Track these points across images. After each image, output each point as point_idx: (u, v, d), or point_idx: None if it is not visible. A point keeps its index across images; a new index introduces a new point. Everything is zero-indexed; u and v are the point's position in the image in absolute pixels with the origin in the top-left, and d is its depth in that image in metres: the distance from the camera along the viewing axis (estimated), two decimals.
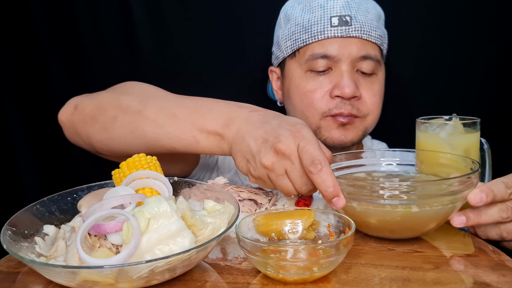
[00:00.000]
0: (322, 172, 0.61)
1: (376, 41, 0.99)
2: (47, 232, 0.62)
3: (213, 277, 0.56)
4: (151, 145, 0.82)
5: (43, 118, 1.31)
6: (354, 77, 0.98)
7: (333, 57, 0.97)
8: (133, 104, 0.84)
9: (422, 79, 1.34)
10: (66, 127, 0.93)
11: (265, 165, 0.66)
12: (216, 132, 0.75)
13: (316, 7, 0.99)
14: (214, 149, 0.77)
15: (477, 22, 1.29)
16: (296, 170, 0.66)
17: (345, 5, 0.98)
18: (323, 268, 0.52)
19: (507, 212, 0.63)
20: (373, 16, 1.00)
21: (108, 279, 0.49)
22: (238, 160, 0.72)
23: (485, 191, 0.62)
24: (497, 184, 0.63)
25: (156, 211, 0.53)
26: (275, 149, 0.65)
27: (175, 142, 0.80)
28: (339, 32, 0.96)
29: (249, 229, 0.62)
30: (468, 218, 0.64)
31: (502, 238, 0.66)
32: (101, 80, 1.32)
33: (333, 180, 0.61)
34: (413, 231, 0.66)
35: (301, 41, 0.99)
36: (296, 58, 1.02)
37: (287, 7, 1.06)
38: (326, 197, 0.62)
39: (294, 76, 1.02)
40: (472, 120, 0.80)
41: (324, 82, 0.99)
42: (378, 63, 1.00)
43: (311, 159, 0.62)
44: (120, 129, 0.84)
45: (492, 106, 1.31)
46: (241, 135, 0.71)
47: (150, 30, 1.34)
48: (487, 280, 0.54)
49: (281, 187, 0.68)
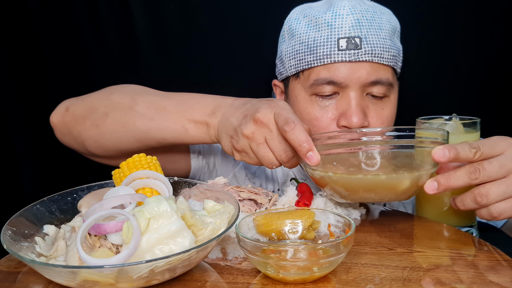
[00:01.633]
0: (295, 129, 0.67)
1: (389, 63, 0.90)
2: (47, 232, 0.63)
3: (213, 277, 0.56)
4: (142, 138, 0.86)
5: (44, 118, 1.31)
6: (363, 104, 0.88)
7: (340, 83, 0.88)
8: (124, 101, 0.87)
9: (422, 79, 1.34)
10: (58, 128, 0.95)
11: (245, 135, 0.72)
12: (204, 121, 0.81)
13: (323, 24, 0.89)
14: (203, 136, 0.82)
15: (477, 22, 1.29)
16: (274, 137, 0.71)
17: (354, 24, 0.87)
18: (323, 268, 0.52)
19: (475, 173, 0.63)
20: (386, 33, 0.90)
21: (108, 279, 0.49)
22: (223, 140, 0.78)
23: (447, 147, 0.64)
24: (461, 143, 0.65)
25: (156, 211, 0.53)
26: (254, 119, 0.72)
27: (165, 132, 0.84)
28: (347, 57, 0.87)
29: (249, 229, 0.62)
30: (439, 182, 0.65)
31: (477, 203, 0.65)
32: (101, 80, 1.33)
33: (306, 136, 0.66)
34: (388, 193, 0.69)
35: (306, 63, 0.91)
36: (300, 80, 0.93)
37: (291, 20, 0.96)
38: (301, 152, 0.67)
39: (298, 100, 0.94)
40: (472, 120, 0.80)
41: (330, 108, 0.90)
42: (390, 86, 0.90)
43: (285, 120, 0.68)
44: (111, 125, 0.87)
45: (492, 106, 1.31)
46: (225, 117, 0.78)
47: (150, 30, 1.34)
48: (487, 280, 0.54)
49: (262, 156, 0.73)
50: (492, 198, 0.64)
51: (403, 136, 0.68)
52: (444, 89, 1.34)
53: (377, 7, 0.93)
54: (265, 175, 1.09)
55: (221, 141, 0.79)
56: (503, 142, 0.65)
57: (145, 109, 0.85)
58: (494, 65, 1.30)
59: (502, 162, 0.64)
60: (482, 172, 0.63)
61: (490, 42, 1.29)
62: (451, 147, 0.64)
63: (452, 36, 1.30)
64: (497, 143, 0.65)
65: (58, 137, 0.96)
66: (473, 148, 0.64)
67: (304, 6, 0.97)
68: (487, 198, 0.64)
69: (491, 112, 1.28)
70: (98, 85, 0.97)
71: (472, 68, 1.31)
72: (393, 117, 0.95)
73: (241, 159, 0.77)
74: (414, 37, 1.30)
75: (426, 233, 0.71)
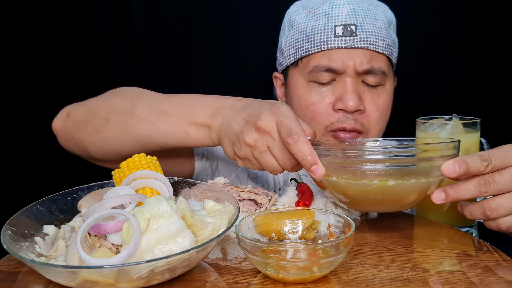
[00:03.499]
0: (298, 142, 0.64)
1: (384, 51, 0.93)
2: (47, 232, 0.63)
3: (213, 277, 0.56)
4: (143, 142, 0.86)
5: (43, 118, 1.31)
6: (358, 89, 0.92)
7: (337, 70, 0.92)
8: (124, 105, 0.87)
9: (422, 79, 1.34)
10: (60, 134, 0.95)
11: (248, 143, 0.70)
12: (205, 124, 0.79)
13: (320, 14, 0.93)
14: (205, 139, 0.81)
15: (477, 22, 1.29)
16: (277, 146, 0.69)
17: (351, 13, 0.91)
18: (323, 268, 0.52)
19: (485, 186, 0.61)
20: (382, 23, 0.93)
21: (108, 279, 0.49)
22: (225, 145, 0.76)
23: (458, 161, 0.61)
24: (472, 156, 0.62)
25: (156, 211, 0.53)
26: (256, 127, 0.69)
27: (166, 137, 0.83)
28: (343, 43, 0.91)
29: (249, 229, 0.62)
30: (447, 193, 0.64)
31: (487, 217, 0.63)
32: (100, 79, 1.33)
33: (309, 149, 0.64)
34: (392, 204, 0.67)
35: (304, 50, 0.94)
36: (299, 68, 0.97)
37: (291, 12, 1.01)
38: (305, 165, 0.64)
39: (296, 87, 0.98)
40: (472, 120, 0.80)
41: (326, 94, 0.93)
42: (384, 75, 0.94)
43: (288, 131, 0.65)
44: (112, 130, 0.87)
45: (492, 106, 1.31)
46: (227, 121, 0.75)
47: (150, 31, 1.34)
48: (487, 280, 0.54)
49: (266, 164, 0.71)
50: (502, 212, 0.62)
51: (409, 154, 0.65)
52: (444, 89, 1.34)
53: (373, 0, 0.97)
54: (267, 175, 1.10)
55: (223, 145, 0.78)
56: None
57: (145, 113, 0.84)
58: (494, 65, 1.30)
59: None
60: (493, 186, 0.61)
61: (490, 42, 1.29)
62: (462, 161, 0.61)
63: (452, 36, 1.30)
64: (509, 154, 0.62)
65: (61, 143, 0.96)
66: (485, 161, 0.61)
67: (303, 0, 1.01)
68: (497, 212, 0.62)
69: (491, 112, 1.28)
70: (98, 85, 0.97)
71: (472, 68, 1.31)
72: (389, 105, 0.98)
73: (243, 166, 0.76)
74: (415, 37, 1.31)
75: (426, 233, 0.71)
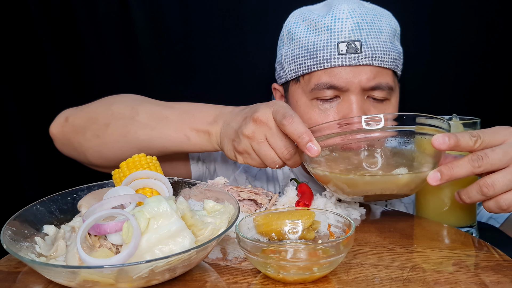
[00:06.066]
0: (293, 122, 0.68)
1: (390, 66, 0.89)
2: (47, 232, 0.63)
3: (213, 277, 0.56)
4: (143, 147, 0.86)
5: (43, 118, 1.31)
6: (364, 107, 0.88)
7: (341, 88, 0.87)
8: (125, 111, 0.88)
9: (422, 79, 1.34)
10: (58, 139, 0.95)
11: (246, 135, 0.73)
12: (206, 130, 0.82)
13: (322, 28, 0.88)
14: (205, 144, 0.83)
15: (477, 22, 1.29)
16: (274, 134, 0.72)
17: (354, 28, 0.86)
18: (323, 268, 0.52)
19: (478, 161, 0.62)
20: (387, 36, 0.89)
21: (108, 279, 0.49)
22: (226, 145, 0.79)
23: (447, 134, 0.63)
24: (462, 132, 0.64)
25: (156, 211, 0.53)
26: (253, 119, 0.73)
27: (166, 141, 0.85)
28: (347, 61, 0.86)
29: (249, 229, 0.62)
30: (442, 172, 0.64)
31: (484, 194, 0.62)
32: (101, 80, 1.33)
33: (304, 127, 0.67)
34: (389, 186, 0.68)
35: (306, 67, 0.90)
36: (300, 84, 0.92)
37: (290, 24, 0.95)
38: (300, 143, 0.67)
39: (299, 104, 0.93)
40: (472, 120, 0.80)
41: (331, 112, 0.89)
42: (391, 90, 0.90)
43: (283, 115, 0.69)
44: (112, 135, 0.87)
45: (492, 106, 1.31)
46: (227, 123, 0.79)
47: (150, 30, 1.34)
48: (487, 280, 0.54)
49: (265, 155, 0.74)
50: (498, 188, 0.62)
51: (404, 122, 0.68)
52: (444, 89, 1.34)
53: (376, 9, 0.92)
54: (266, 177, 1.09)
55: (223, 147, 0.80)
56: (504, 130, 0.64)
57: (146, 118, 0.86)
58: (494, 65, 1.30)
59: (505, 150, 0.62)
60: (485, 160, 0.61)
61: (491, 42, 1.29)
62: (451, 135, 0.63)
63: (452, 37, 1.30)
64: (498, 132, 0.64)
65: (58, 147, 0.97)
66: (474, 136, 0.63)
67: (303, 10, 0.96)
68: (493, 188, 0.62)
69: (491, 112, 1.28)
70: (98, 85, 0.97)
71: (472, 68, 1.31)
72: None
73: (244, 162, 0.77)
74: (414, 37, 1.30)
75: (426, 233, 0.71)
